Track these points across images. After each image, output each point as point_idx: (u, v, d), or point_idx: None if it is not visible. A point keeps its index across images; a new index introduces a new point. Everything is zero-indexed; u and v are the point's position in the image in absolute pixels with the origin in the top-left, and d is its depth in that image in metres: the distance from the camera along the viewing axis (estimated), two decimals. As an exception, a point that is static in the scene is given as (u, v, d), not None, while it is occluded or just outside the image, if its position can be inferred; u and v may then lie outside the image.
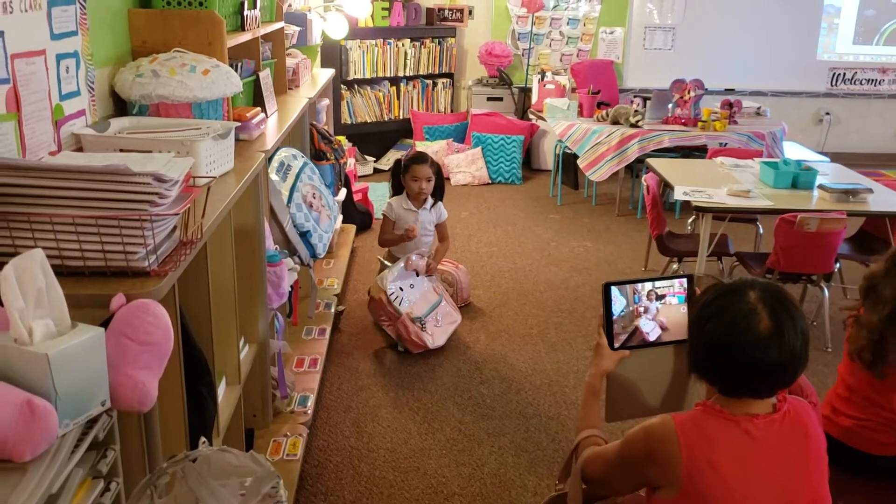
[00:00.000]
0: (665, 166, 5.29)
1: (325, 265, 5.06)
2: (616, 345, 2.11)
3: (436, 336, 4.24)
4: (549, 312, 4.85)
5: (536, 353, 4.32)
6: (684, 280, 2.14)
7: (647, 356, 2.13)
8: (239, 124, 2.74)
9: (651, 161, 5.45)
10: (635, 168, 6.95)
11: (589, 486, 1.95)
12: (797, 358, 1.71)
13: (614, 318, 2.10)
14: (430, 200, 4.50)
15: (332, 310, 4.44)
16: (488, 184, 7.79)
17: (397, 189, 4.52)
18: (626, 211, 7.04)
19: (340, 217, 5.40)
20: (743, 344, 1.70)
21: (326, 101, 5.55)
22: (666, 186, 5.26)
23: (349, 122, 7.86)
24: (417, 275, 4.36)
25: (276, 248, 3.08)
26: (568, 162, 7.31)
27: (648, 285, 2.11)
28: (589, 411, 2.09)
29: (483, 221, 6.61)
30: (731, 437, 1.72)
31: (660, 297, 2.11)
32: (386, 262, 4.40)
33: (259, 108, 3.18)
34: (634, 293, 2.09)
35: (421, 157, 4.48)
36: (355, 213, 5.98)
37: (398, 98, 8.20)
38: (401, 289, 4.25)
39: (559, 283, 5.30)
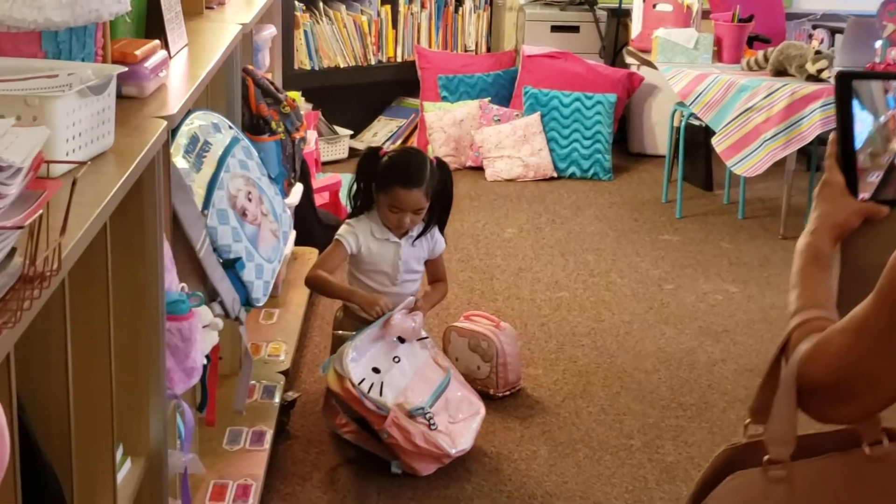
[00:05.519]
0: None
1: (264, 320, 3.93)
2: (863, 194, 1.44)
3: (456, 436, 3.01)
4: (661, 409, 3.57)
5: (640, 482, 3.10)
6: None
7: None
8: (124, 69, 2.06)
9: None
10: (815, 153, 5.38)
11: (812, 402, 1.36)
12: None
13: (856, 147, 1.43)
14: (420, 225, 3.32)
15: (277, 399, 3.35)
16: (553, 178, 5.97)
17: (365, 202, 3.30)
18: (800, 228, 5.48)
19: (293, 234, 4.05)
20: None
21: (272, 31, 4.33)
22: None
23: (308, 69, 5.84)
24: (402, 341, 3.17)
25: (183, 289, 2.30)
26: (695, 142, 5.62)
27: None
28: (810, 281, 1.53)
29: (543, 246, 5.03)
30: None
31: None
32: (343, 333, 3.22)
33: (157, 42, 2.50)
34: (887, 92, 1.45)
35: (411, 176, 3.18)
36: (317, 228, 4.40)
37: (394, 26, 6.08)
38: (375, 370, 3.03)
39: (679, 357, 3.96)
